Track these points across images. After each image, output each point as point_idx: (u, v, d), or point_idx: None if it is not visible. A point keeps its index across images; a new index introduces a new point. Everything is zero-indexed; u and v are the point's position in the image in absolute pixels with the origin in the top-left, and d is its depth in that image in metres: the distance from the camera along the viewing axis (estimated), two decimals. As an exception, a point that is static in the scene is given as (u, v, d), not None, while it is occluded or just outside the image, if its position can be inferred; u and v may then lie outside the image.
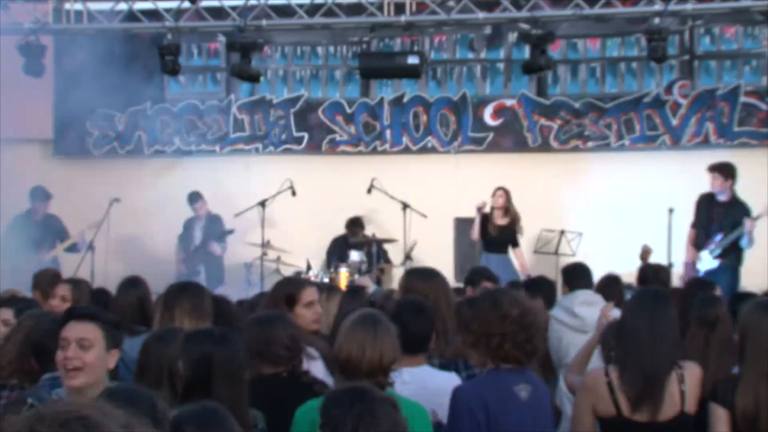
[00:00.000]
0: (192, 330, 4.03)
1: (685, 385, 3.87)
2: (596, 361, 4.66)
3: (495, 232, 10.11)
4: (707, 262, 9.22)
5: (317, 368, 4.43)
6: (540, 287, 6.29)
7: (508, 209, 10.17)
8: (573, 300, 5.77)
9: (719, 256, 9.16)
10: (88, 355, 3.41)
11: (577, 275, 6.05)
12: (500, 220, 10.18)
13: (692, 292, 5.38)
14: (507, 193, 10.19)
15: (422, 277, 4.90)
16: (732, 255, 9.19)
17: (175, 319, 4.51)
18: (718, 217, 9.20)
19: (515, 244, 10.25)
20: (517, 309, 3.75)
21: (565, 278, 6.11)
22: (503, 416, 3.72)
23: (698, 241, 9.30)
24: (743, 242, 9.06)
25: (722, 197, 9.22)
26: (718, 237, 9.18)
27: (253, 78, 10.00)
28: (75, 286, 5.97)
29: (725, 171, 9.17)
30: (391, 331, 3.66)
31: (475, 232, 10.18)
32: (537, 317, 3.87)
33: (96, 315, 3.54)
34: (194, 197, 10.85)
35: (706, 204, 9.33)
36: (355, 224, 11.08)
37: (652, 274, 6.42)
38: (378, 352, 3.57)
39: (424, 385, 4.09)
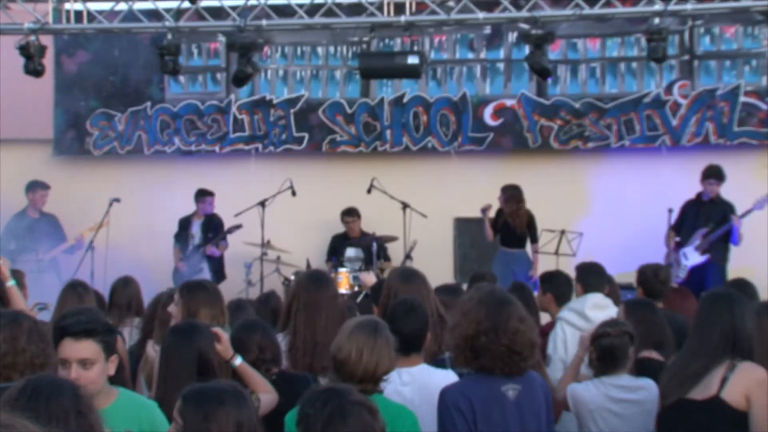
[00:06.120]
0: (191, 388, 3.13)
1: (732, 373, 3.89)
2: (584, 371, 4.66)
3: (503, 226, 10.25)
4: (693, 257, 9.31)
5: None
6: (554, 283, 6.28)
7: (510, 209, 10.20)
8: (584, 303, 5.74)
9: (706, 251, 9.28)
10: (90, 373, 3.39)
11: (593, 274, 6.01)
12: (509, 217, 10.22)
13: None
14: (504, 194, 10.24)
15: (404, 279, 4.89)
16: (718, 252, 9.30)
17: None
18: (705, 215, 9.38)
19: (533, 240, 10.32)
20: (488, 321, 3.72)
21: (579, 277, 6.04)
22: (489, 415, 3.71)
23: (682, 240, 9.46)
24: (733, 239, 9.22)
25: (707, 196, 9.52)
26: (702, 232, 9.32)
27: (249, 75, 9.91)
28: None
29: (721, 176, 9.49)
30: (390, 341, 3.68)
31: (488, 233, 10.26)
32: (515, 327, 3.74)
33: (91, 331, 3.42)
34: (201, 194, 10.77)
35: (693, 207, 9.56)
36: (345, 214, 11.04)
37: (651, 274, 6.37)
38: (375, 361, 3.59)
39: (424, 384, 4.09)
